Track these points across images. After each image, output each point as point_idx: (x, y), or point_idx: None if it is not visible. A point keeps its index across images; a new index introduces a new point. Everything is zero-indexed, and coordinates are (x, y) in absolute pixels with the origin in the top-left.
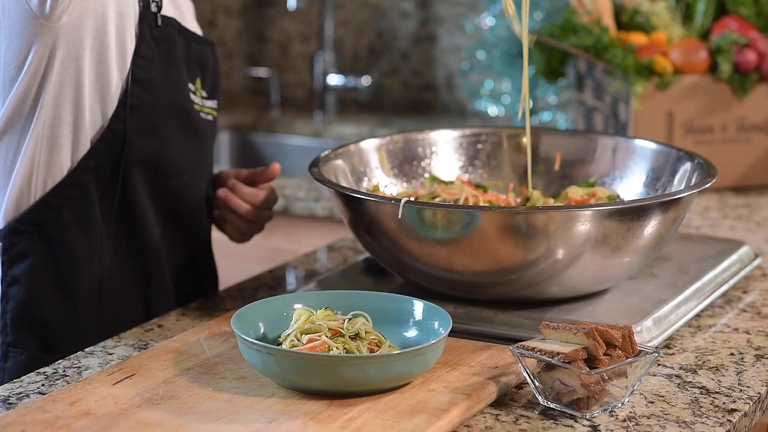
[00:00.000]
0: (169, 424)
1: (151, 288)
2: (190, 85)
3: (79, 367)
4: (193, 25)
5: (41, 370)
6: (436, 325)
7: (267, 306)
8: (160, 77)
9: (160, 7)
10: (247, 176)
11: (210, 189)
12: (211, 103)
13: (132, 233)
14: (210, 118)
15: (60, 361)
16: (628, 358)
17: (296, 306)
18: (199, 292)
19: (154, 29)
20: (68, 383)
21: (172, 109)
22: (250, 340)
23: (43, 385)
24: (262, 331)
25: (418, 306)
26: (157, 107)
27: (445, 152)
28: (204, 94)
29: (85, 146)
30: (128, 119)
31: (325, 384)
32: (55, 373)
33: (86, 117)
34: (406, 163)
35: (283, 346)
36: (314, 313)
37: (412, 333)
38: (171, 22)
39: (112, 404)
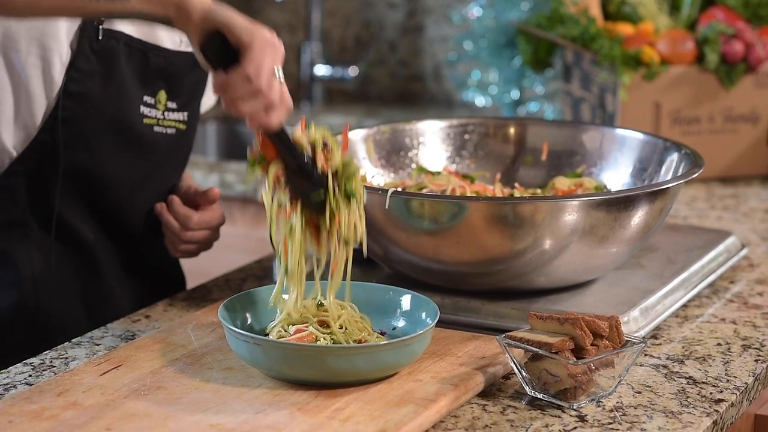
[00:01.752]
0: (156, 414)
1: (92, 293)
2: (147, 98)
3: (66, 358)
4: (166, 38)
5: (28, 360)
6: (423, 315)
7: (254, 297)
8: (97, 91)
9: (101, 21)
10: (189, 195)
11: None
12: (178, 116)
13: (69, 239)
14: (171, 131)
15: (47, 351)
16: (615, 348)
17: (284, 296)
18: (164, 294)
19: (94, 42)
20: (55, 374)
21: (109, 123)
22: (237, 330)
23: (29, 375)
24: (249, 322)
25: (406, 297)
26: (90, 121)
27: (432, 143)
28: (172, 105)
29: (9, 154)
30: (59, 131)
31: (313, 374)
32: (41, 363)
33: (10, 127)
34: (393, 153)
35: (271, 337)
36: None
37: (399, 323)
38: (116, 36)
39: (99, 395)
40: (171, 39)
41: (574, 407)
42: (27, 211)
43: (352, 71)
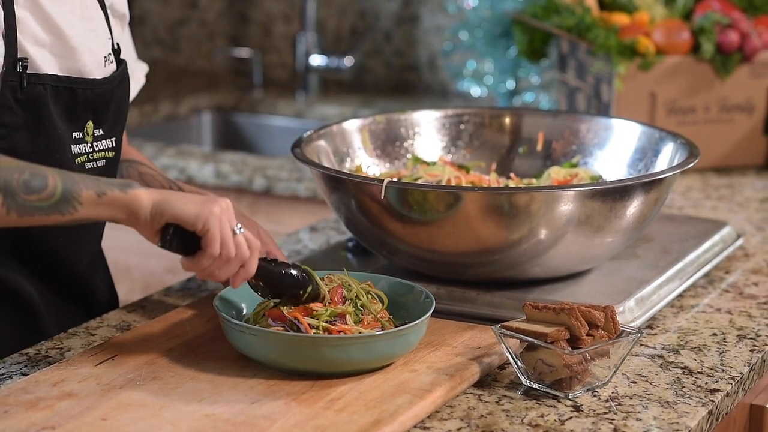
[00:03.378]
0: (152, 404)
1: (30, 339)
2: (75, 134)
3: (62, 348)
4: (92, 66)
5: (23, 351)
6: (419, 305)
7: (249, 288)
8: (26, 144)
9: (24, 67)
10: None
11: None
12: (107, 143)
13: (4, 292)
14: (101, 163)
15: (42, 342)
16: (610, 338)
17: None
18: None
19: (19, 92)
20: (50, 364)
21: (39, 156)
22: (233, 320)
23: (25, 366)
24: (245, 312)
25: (402, 286)
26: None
27: (427, 133)
28: (99, 133)
29: None
30: None
31: (308, 364)
32: (37, 354)
33: None
34: (389, 143)
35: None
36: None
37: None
38: (42, 80)
39: (94, 385)
40: (98, 64)
41: (570, 397)
42: None
43: (348, 61)
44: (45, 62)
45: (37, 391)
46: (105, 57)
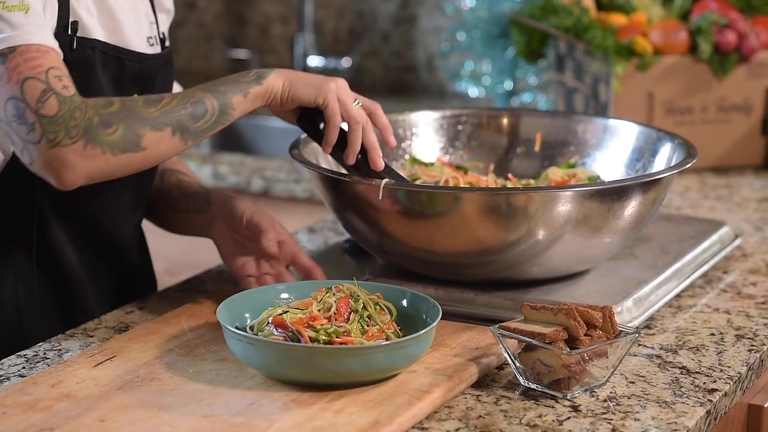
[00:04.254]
0: (150, 406)
1: (75, 317)
2: None
3: (60, 350)
4: (137, 42)
5: (21, 353)
6: (423, 315)
7: (254, 296)
8: None
9: (75, 30)
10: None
11: (140, 214)
12: None
13: (51, 264)
14: None
15: (40, 343)
16: (608, 338)
17: (283, 296)
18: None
19: (69, 53)
20: (49, 365)
21: None
22: (231, 328)
23: (23, 367)
24: (249, 321)
25: (406, 295)
26: None
27: (425, 133)
28: None
29: None
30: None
31: (305, 375)
32: (35, 355)
33: None
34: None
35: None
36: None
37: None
38: (91, 44)
39: (92, 386)
40: (142, 41)
41: (568, 397)
42: (8, 236)
43: (346, 62)
44: (94, 28)
45: (35, 392)
46: (148, 38)
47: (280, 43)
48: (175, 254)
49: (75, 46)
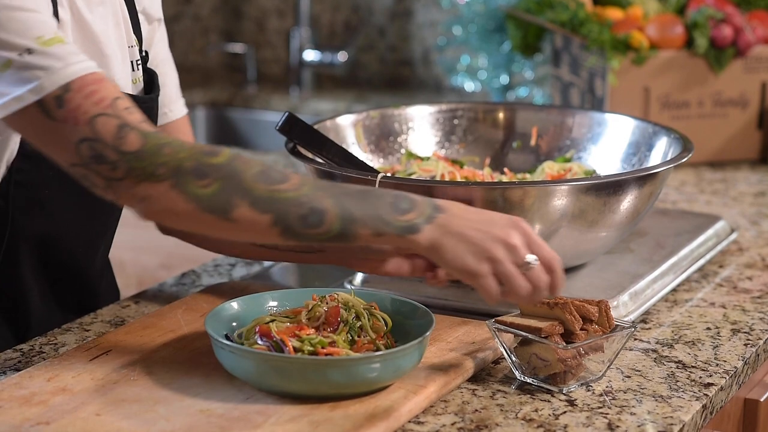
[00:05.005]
0: (146, 399)
1: (24, 333)
2: None
3: (56, 344)
4: (119, 80)
5: (17, 346)
6: (417, 327)
7: (245, 304)
8: None
9: None
10: None
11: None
12: None
13: (8, 304)
14: None
15: (37, 338)
16: (604, 332)
17: (272, 303)
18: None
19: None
20: (44, 359)
21: (68, 185)
22: (215, 336)
23: (19, 361)
24: (236, 332)
25: (402, 306)
26: (49, 184)
27: (421, 128)
28: None
29: None
30: (11, 196)
31: (287, 386)
32: (31, 349)
33: None
34: (383, 138)
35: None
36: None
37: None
38: None
39: (88, 380)
40: (125, 77)
41: (564, 391)
42: None
43: (342, 56)
44: None
45: (31, 386)
46: (132, 63)
47: (276, 37)
48: (170, 248)
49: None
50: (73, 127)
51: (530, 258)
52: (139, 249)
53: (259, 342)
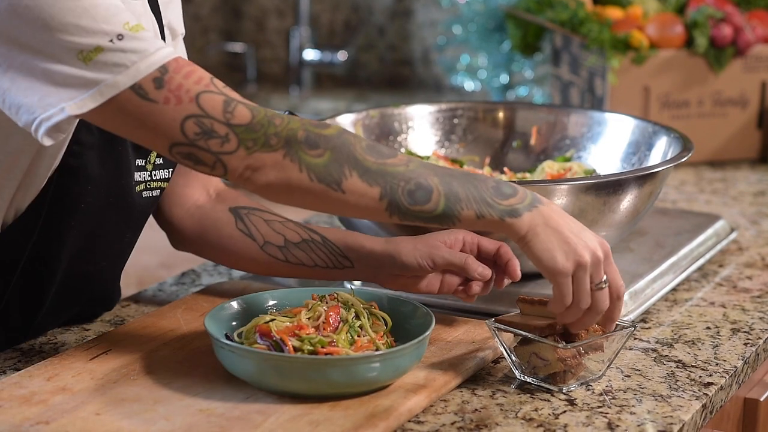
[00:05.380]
0: (146, 399)
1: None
2: (139, 162)
3: (56, 343)
4: None
5: (17, 346)
6: (417, 326)
7: (245, 303)
8: (95, 166)
9: None
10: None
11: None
12: (164, 173)
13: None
14: (156, 193)
15: (36, 337)
16: (604, 332)
17: (271, 302)
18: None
19: None
20: (44, 359)
21: (104, 199)
22: (215, 335)
23: (19, 361)
24: (236, 331)
25: (402, 305)
26: (85, 198)
27: (421, 127)
28: (160, 161)
29: None
30: (48, 207)
31: (287, 386)
32: (31, 349)
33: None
34: (383, 137)
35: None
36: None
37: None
38: None
39: (88, 379)
40: None
41: (564, 391)
42: None
43: (341, 56)
44: None
45: (30, 385)
46: None
47: (276, 36)
48: (170, 247)
49: None
50: (175, 106)
51: (605, 278)
52: (139, 248)
53: (259, 341)
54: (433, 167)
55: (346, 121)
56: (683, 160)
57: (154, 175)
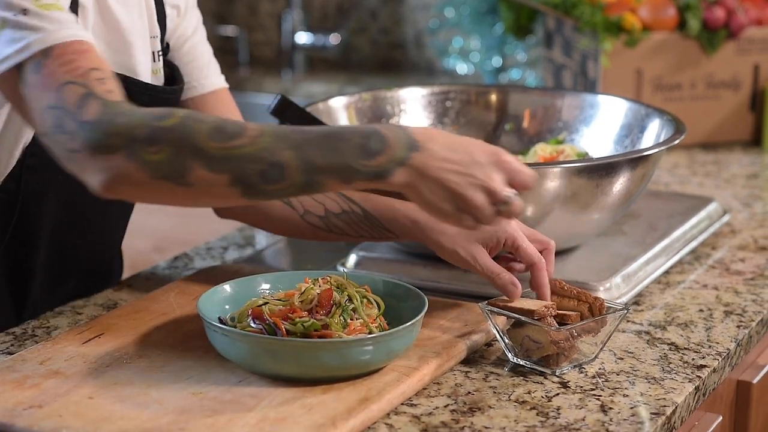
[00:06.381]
0: (139, 383)
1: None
2: None
3: (48, 327)
4: (140, 70)
5: (10, 330)
6: (410, 309)
7: (237, 286)
8: None
9: None
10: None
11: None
12: None
13: (12, 288)
14: None
15: (29, 321)
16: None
17: (264, 286)
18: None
19: None
20: (37, 343)
21: None
22: (207, 318)
23: (12, 345)
24: (229, 314)
25: (395, 288)
26: (61, 170)
27: (413, 110)
28: None
29: None
30: (23, 181)
31: (280, 369)
32: (24, 333)
33: None
34: (375, 121)
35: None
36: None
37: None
38: None
39: (81, 363)
40: (146, 67)
41: (557, 373)
42: None
43: (334, 39)
44: (99, 48)
45: (23, 369)
46: (153, 53)
47: (268, 19)
48: (163, 231)
49: None
50: (42, 93)
51: (509, 193)
52: (132, 232)
53: (252, 325)
54: (287, 137)
55: (339, 104)
56: (676, 142)
57: None
